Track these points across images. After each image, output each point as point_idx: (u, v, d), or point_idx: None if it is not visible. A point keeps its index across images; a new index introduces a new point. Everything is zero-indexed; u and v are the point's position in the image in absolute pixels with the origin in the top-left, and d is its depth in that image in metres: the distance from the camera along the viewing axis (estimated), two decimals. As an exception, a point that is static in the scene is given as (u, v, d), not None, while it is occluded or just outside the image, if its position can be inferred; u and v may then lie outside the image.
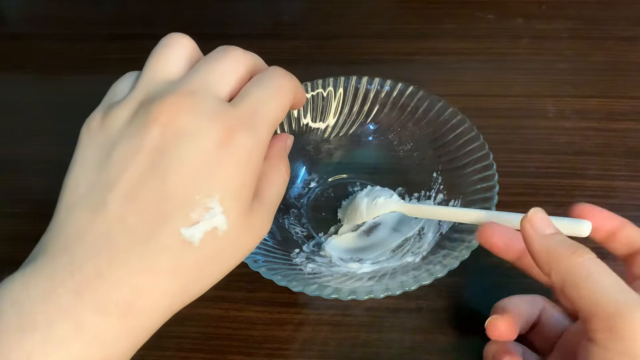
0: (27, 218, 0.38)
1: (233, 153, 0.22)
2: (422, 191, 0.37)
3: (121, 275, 0.20)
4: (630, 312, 0.20)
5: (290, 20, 0.55)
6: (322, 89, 0.38)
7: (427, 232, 0.35)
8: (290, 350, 0.33)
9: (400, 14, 0.55)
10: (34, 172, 0.41)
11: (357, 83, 0.38)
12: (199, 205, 0.21)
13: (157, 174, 0.21)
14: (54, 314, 0.19)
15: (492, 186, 0.32)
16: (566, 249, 0.23)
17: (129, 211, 0.21)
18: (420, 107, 0.37)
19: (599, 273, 0.22)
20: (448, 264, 0.29)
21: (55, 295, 0.20)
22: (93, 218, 0.21)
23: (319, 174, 0.40)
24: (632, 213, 0.37)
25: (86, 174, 0.22)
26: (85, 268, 0.20)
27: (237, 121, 0.23)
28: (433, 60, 0.49)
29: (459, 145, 0.35)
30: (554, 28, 0.52)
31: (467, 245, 0.30)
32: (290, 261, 0.33)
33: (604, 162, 0.41)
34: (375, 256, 0.35)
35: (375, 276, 0.32)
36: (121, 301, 0.20)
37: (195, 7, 0.56)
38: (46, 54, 0.52)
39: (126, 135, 0.22)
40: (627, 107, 0.44)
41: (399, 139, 0.39)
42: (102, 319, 0.20)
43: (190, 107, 0.22)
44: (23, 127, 0.45)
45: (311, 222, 0.38)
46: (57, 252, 0.21)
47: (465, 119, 0.35)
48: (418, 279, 0.29)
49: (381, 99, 0.38)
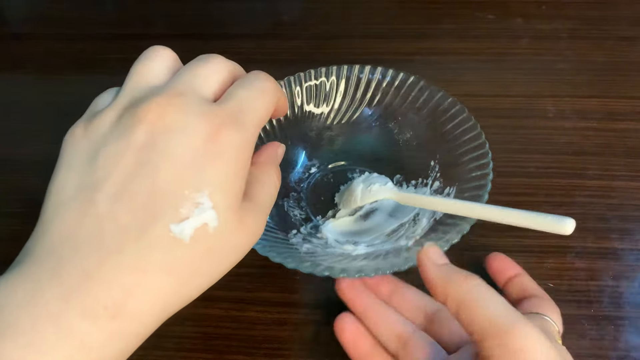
0: (27, 218, 0.37)
1: (221, 149, 0.22)
2: (420, 179, 0.38)
3: (111, 276, 0.20)
4: (519, 329, 0.22)
5: (290, 20, 0.55)
6: (325, 77, 0.39)
7: (421, 218, 0.36)
8: (291, 350, 0.33)
9: (400, 14, 0.55)
10: (34, 172, 0.41)
11: (359, 72, 0.39)
12: (188, 201, 0.21)
13: (146, 172, 0.21)
14: (38, 319, 0.19)
15: (486, 174, 0.33)
16: (459, 276, 0.24)
17: (118, 210, 0.21)
18: (421, 97, 0.38)
19: (489, 296, 0.24)
20: (439, 246, 0.30)
21: (40, 298, 0.19)
22: (81, 219, 0.21)
23: (319, 160, 0.41)
24: (632, 213, 0.38)
25: (72, 177, 0.22)
26: (73, 270, 0.20)
27: (224, 118, 0.23)
28: (433, 60, 0.49)
29: (457, 135, 0.36)
30: (554, 28, 0.52)
31: (458, 230, 0.31)
32: (287, 241, 0.34)
33: (604, 162, 0.41)
34: (370, 239, 0.36)
35: (368, 257, 0.33)
36: (110, 303, 0.20)
37: (195, 7, 0.56)
38: (46, 54, 0.52)
39: (112, 138, 0.22)
40: (627, 107, 0.44)
41: (398, 128, 0.40)
42: (90, 322, 0.19)
43: (177, 106, 0.22)
44: (23, 127, 0.45)
45: (310, 206, 0.39)
46: (43, 255, 0.21)
47: (463, 108, 0.36)
48: (408, 260, 0.30)
49: (383, 88, 0.39)
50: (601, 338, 0.32)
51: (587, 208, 0.38)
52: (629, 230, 0.37)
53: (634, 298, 0.33)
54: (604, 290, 0.34)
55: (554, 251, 0.36)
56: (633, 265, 0.35)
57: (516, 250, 0.36)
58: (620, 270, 0.35)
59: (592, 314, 0.33)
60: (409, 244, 0.33)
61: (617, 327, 0.32)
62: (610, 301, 0.33)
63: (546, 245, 0.36)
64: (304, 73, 0.39)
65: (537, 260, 0.35)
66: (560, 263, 0.35)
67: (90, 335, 0.19)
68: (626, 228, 0.37)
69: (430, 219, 0.34)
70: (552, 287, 0.34)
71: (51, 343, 0.19)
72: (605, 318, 0.33)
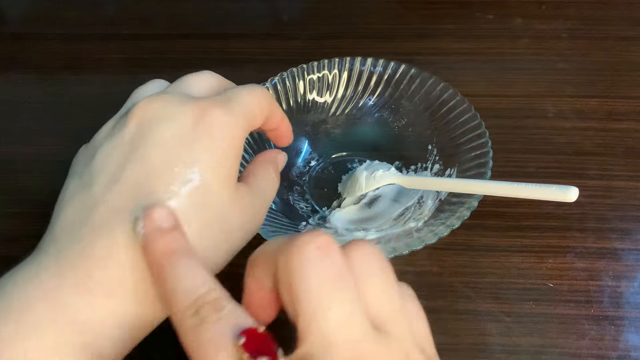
0: (27, 218, 0.38)
1: (208, 128, 0.23)
2: (419, 163, 0.39)
3: (106, 253, 0.20)
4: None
5: (290, 20, 0.55)
6: (317, 71, 0.40)
7: (426, 200, 0.36)
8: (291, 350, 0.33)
9: (400, 14, 0.55)
10: (34, 172, 0.41)
11: (350, 64, 0.40)
12: (177, 177, 0.22)
13: (136, 157, 0.22)
14: (32, 297, 0.19)
15: (487, 152, 0.34)
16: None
17: (112, 195, 0.21)
18: (413, 84, 0.39)
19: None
20: (451, 224, 0.31)
21: (36, 278, 0.20)
22: (78, 211, 0.22)
23: (318, 153, 0.42)
24: (632, 213, 0.38)
25: (74, 181, 0.23)
26: (69, 252, 0.20)
27: (209, 101, 0.24)
28: (433, 60, 0.49)
29: (452, 118, 0.37)
30: (554, 28, 0.51)
31: (467, 207, 0.31)
32: (299, 232, 0.35)
33: (604, 162, 0.41)
34: (379, 225, 0.36)
35: (381, 241, 0.33)
36: (107, 280, 0.20)
37: (195, 7, 0.56)
38: (46, 54, 0.52)
39: (106, 140, 0.24)
40: (627, 107, 0.44)
41: (393, 116, 0.41)
42: (82, 299, 0.20)
43: (164, 100, 0.24)
44: (23, 127, 0.45)
45: (314, 198, 0.39)
46: (45, 246, 0.22)
47: (456, 92, 0.37)
48: (423, 239, 0.30)
49: (375, 78, 0.40)
50: (601, 338, 0.32)
51: (587, 208, 0.38)
52: (629, 230, 0.37)
53: (634, 298, 0.33)
54: (604, 290, 0.34)
55: (554, 251, 0.36)
56: (633, 265, 0.35)
57: (516, 250, 0.36)
58: (620, 270, 0.35)
59: (592, 314, 0.33)
60: (418, 224, 0.34)
61: (617, 327, 0.32)
62: (610, 301, 0.33)
63: (546, 245, 0.36)
64: (307, 65, 0.40)
65: (537, 260, 0.35)
66: (560, 263, 0.35)
67: (83, 312, 0.19)
68: (626, 228, 0.37)
69: (436, 200, 0.35)
70: (552, 287, 0.34)
71: (43, 319, 0.19)
72: (605, 318, 0.33)
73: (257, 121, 0.26)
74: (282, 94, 0.39)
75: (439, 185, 0.34)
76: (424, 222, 0.34)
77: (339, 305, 0.17)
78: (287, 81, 0.39)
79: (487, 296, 0.33)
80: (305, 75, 0.40)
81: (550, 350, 0.31)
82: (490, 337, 0.32)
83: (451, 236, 0.31)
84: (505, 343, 0.32)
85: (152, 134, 0.23)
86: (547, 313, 0.33)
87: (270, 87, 0.39)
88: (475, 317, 0.32)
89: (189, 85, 0.26)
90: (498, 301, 0.33)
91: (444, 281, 0.34)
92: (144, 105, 0.24)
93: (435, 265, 0.35)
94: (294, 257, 0.18)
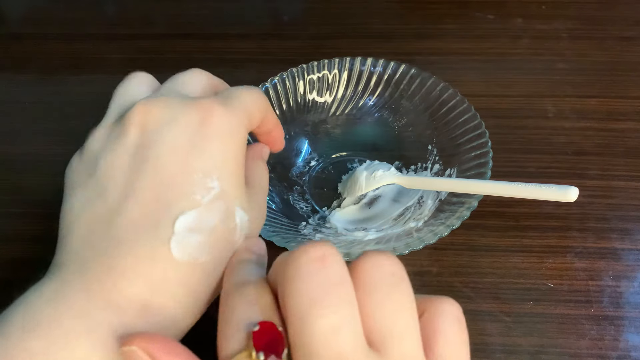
0: (27, 218, 0.38)
1: (216, 130, 0.22)
2: (419, 163, 0.39)
3: (132, 266, 0.20)
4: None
5: (290, 20, 0.55)
6: (317, 71, 0.40)
7: (426, 200, 0.36)
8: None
9: (400, 14, 0.55)
10: (34, 172, 0.41)
11: (350, 64, 0.40)
12: (199, 186, 0.21)
13: (147, 167, 0.22)
14: (62, 313, 0.19)
15: (487, 152, 0.34)
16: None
17: (129, 206, 0.21)
18: (413, 84, 0.39)
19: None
20: (451, 224, 0.31)
21: (63, 295, 0.20)
22: (95, 224, 0.21)
23: (318, 153, 0.42)
24: (632, 213, 0.38)
25: (77, 196, 0.23)
26: (94, 265, 0.20)
27: (211, 101, 0.23)
28: (433, 60, 0.49)
29: (452, 118, 0.37)
30: (554, 28, 0.51)
31: (467, 207, 0.31)
32: (299, 232, 0.35)
33: (604, 162, 0.41)
34: (379, 225, 0.36)
35: (381, 241, 0.33)
36: (136, 295, 0.20)
37: (195, 7, 0.56)
38: (46, 54, 0.52)
39: (106, 149, 0.23)
40: (627, 107, 0.44)
41: (393, 116, 0.41)
42: (113, 314, 0.19)
43: (163, 102, 0.23)
44: (23, 127, 0.45)
45: (314, 198, 0.39)
46: (66, 261, 0.21)
47: (456, 92, 0.37)
48: (423, 239, 0.30)
49: (375, 78, 0.40)
50: (601, 338, 0.32)
51: (587, 208, 0.38)
52: (629, 230, 0.37)
53: (634, 298, 0.33)
54: (604, 290, 0.34)
55: (554, 251, 0.36)
56: (633, 265, 0.35)
57: (516, 250, 0.36)
58: (620, 270, 0.35)
59: (592, 314, 0.33)
60: (418, 224, 0.34)
61: (617, 327, 0.32)
62: (610, 301, 0.33)
63: (546, 245, 0.36)
64: (307, 65, 0.40)
65: (537, 260, 0.35)
66: (560, 263, 0.35)
67: (112, 326, 0.19)
68: (626, 228, 0.37)
69: (436, 199, 0.35)
70: (552, 287, 0.34)
71: (73, 335, 0.19)
72: (605, 318, 0.33)
73: (255, 121, 0.26)
74: (282, 94, 0.39)
75: (439, 185, 0.34)
76: (424, 222, 0.34)
77: (327, 316, 0.16)
78: (287, 81, 0.39)
79: (487, 296, 0.33)
80: (305, 75, 0.40)
81: (550, 350, 0.31)
82: (490, 337, 0.32)
83: (451, 236, 0.31)
84: (505, 343, 0.32)
85: (160, 140, 0.22)
86: (547, 313, 0.33)
87: (270, 87, 0.39)
88: (475, 317, 0.32)
89: (183, 84, 0.25)
90: (498, 301, 0.33)
91: (444, 281, 0.34)
92: (143, 109, 0.23)
93: (435, 265, 0.35)
94: (288, 267, 0.18)
